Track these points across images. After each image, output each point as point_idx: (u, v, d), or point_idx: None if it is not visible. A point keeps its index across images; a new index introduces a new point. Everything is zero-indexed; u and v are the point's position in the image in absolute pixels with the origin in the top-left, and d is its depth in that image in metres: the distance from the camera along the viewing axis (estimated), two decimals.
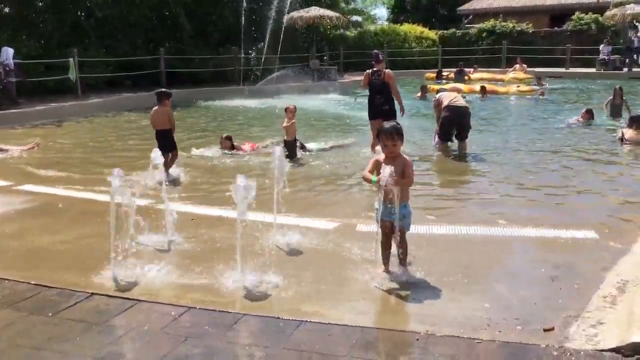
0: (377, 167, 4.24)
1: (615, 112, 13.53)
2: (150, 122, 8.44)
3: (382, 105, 9.34)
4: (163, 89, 8.55)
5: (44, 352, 3.32)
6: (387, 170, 4.01)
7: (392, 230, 4.29)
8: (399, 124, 4.42)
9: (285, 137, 9.28)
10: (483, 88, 19.66)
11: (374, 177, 4.12)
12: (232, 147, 9.95)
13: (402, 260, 4.40)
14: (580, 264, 4.57)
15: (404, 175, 4.19)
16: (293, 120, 9.16)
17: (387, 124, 4.41)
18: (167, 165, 7.84)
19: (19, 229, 5.72)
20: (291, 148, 9.16)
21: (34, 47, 19.11)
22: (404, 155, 4.36)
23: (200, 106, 18.05)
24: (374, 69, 9.49)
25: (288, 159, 8.65)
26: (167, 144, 7.99)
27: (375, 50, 10.66)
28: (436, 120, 10.25)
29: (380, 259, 4.40)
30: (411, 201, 4.45)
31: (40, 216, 6.22)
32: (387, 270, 4.36)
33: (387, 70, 9.55)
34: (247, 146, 10.21)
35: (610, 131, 11.61)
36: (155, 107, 8.30)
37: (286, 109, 9.27)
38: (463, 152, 9.65)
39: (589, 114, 12.74)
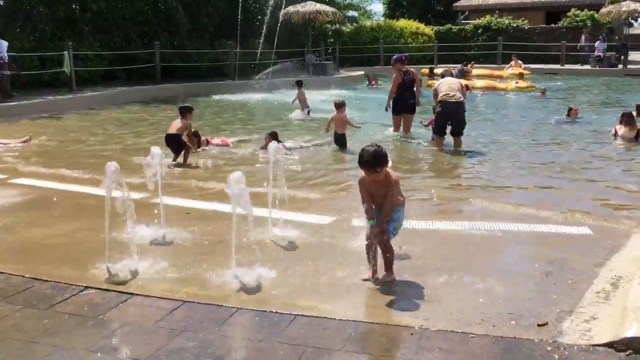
0: (366, 190, 4.17)
1: None
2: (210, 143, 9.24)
3: (408, 100, 10.83)
4: (185, 104, 9.24)
5: (37, 346, 3.31)
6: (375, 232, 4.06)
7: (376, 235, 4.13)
8: (378, 148, 4.08)
9: (338, 130, 9.72)
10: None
11: (371, 222, 4.12)
12: (200, 144, 9.77)
13: (386, 265, 4.21)
14: (574, 259, 4.59)
15: (386, 196, 4.09)
16: (343, 113, 9.79)
17: (362, 156, 4.07)
18: (186, 156, 8.60)
19: (12, 222, 5.69)
20: (343, 140, 9.69)
21: (28, 41, 18.99)
22: (390, 174, 4.14)
23: (196, 101, 17.98)
24: (403, 69, 10.80)
25: (341, 149, 9.61)
26: (176, 147, 8.52)
27: (406, 54, 11.89)
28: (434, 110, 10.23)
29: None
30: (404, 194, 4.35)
31: (33, 209, 6.19)
32: (374, 273, 4.21)
33: (414, 70, 11.17)
34: (217, 140, 10.18)
35: (600, 128, 11.61)
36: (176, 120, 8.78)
37: (341, 104, 9.78)
38: (458, 148, 9.67)
39: (575, 112, 12.77)
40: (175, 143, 8.54)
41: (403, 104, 10.85)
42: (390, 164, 4.31)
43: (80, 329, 3.51)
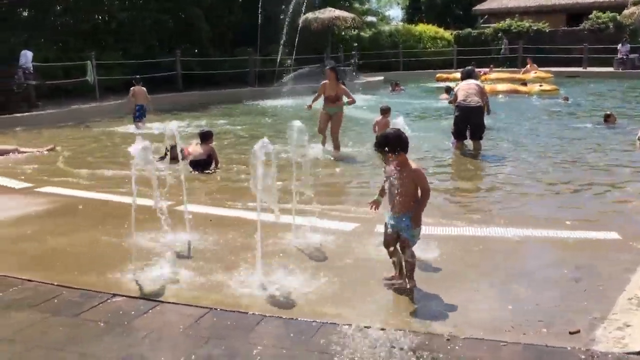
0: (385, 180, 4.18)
1: None
2: (186, 153, 8.74)
3: None
4: (206, 129, 9.34)
5: (63, 353, 3.33)
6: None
7: (394, 238, 4.10)
8: (393, 132, 4.07)
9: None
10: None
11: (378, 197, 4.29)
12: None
13: (407, 274, 4.13)
14: (603, 265, 4.50)
15: (416, 187, 3.99)
16: (388, 118, 10.50)
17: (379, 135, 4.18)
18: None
19: (39, 230, 5.76)
20: None
21: (52, 50, 19.30)
22: (412, 165, 4.03)
23: (218, 108, 18.08)
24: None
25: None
26: (202, 169, 8.66)
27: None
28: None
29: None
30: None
31: (60, 217, 6.26)
32: (397, 276, 4.20)
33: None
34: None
35: (628, 133, 11.37)
36: (198, 143, 8.91)
37: (386, 109, 10.65)
38: (478, 152, 9.59)
39: (612, 117, 12.43)
40: (203, 166, 8.67)
41: None
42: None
43: (107, 337, 3.52)
